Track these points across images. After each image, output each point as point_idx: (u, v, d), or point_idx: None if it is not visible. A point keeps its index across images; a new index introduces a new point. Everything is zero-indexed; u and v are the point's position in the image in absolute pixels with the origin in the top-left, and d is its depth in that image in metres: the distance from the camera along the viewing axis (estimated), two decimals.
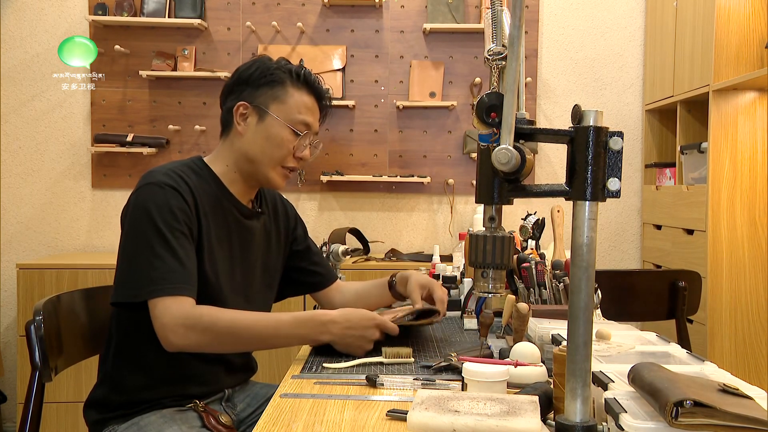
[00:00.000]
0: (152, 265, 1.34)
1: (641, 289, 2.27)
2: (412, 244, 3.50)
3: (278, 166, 1.53)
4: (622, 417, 0.82)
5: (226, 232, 1.52)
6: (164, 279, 1.33)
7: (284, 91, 1.52)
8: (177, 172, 1.45)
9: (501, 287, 0.96)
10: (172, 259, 1.35)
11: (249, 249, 1.57)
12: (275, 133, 1.51)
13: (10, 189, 3.44)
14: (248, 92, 1.52)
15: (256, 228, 1.59)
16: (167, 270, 1.34)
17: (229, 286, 1.50)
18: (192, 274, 1.38)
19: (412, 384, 1.24)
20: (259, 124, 1.51)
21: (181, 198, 1.41)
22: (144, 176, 1.45)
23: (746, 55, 2.62)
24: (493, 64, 1.18)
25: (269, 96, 1.51)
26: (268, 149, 1.51)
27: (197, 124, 3.39)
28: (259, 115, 1.51)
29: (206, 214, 1.46)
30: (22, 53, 3.41)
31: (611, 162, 0.88)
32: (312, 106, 1.55)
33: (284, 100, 1.51)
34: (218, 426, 1.42)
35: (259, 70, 1.53)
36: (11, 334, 3.39)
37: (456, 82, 3.44)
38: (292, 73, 1.53)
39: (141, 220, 1.38)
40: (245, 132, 1.52)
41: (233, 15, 3.42)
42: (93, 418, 1.48)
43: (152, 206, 1.38)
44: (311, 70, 1.57)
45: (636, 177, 3.48)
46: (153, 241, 1.35)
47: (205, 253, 1.45)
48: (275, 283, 1.69)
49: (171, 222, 1.37)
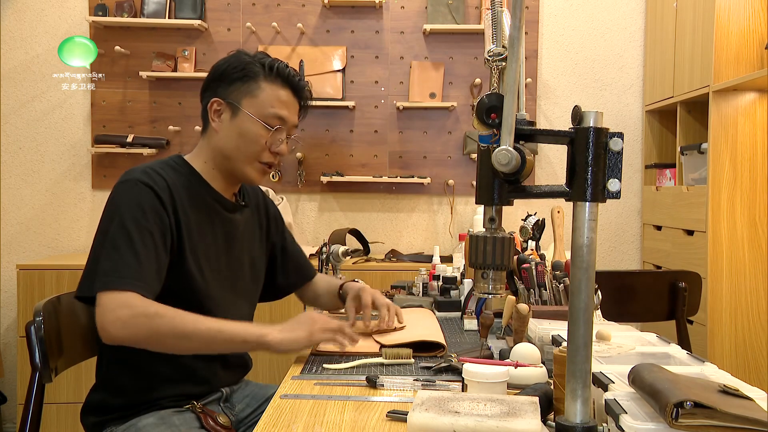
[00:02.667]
0: (109, 258, 1.33)
1: (641, 290, 2.27)
2: (412, 244, 3.50)
3: (255, 162, 1.52)
4: (622, 418, 0.82)
5: (210, 227, 1.51)
6: (115, 272, 1.31)
7: (257, 85, 1.50)
8: (155, 170, 1.44)
9: (501, 288, 0.95)
10: (129, 254, 1.33)
11: (234, 242, 1.57)
12: (248, 129, 1.49)
13: (10, 190, 3.44)
14: (222, 88, 1.52)
15: (240, 221, 1.59)
16: (122, 264, 1.32)
17: (215, 280, 1.49)
18: (147, 273, 1.34)
19: (413, 385, 1.24)
20: (232, 120, 1.50)
21: (154, 195, 1.39)
22: (122, 174, 1.44)
23: (746, 56, 2.62)
24: (493, 65, 1.18)
25: (242, 91, 1.50)
26: (242, 145, 1.50)
27: (197, 125, 3.37)
28: (232, 111, 1.50)
29: (186, 210, 1.45)
30: (23, 54, 3.41)
31: (611, 163, 0.88)
32: (287, 100, 1.53)
33: (256, 94, 1.50)
34: (216, 427, 1.42)
35: (232, 66, 1.52)
36: (11, 335, 3.39)
37: (456, 83, 3.44)
38: (265, 66, 1.51)
39: (109, 217, 1.38)
40: (220, 129, 1.52)
41: (233, 16, 3.42)
42: (91, 422, 1.47)
43: (123, 203, 1.38)
44: (287, 64, 1.56)
45: (636, 178, 3.48)
46: (115, 237, 1.34)
47: (187, 249, 1.43)
48: (261, 275, 1.69)
49: (139, 219, 1.36)
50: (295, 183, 3.40)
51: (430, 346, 1.51)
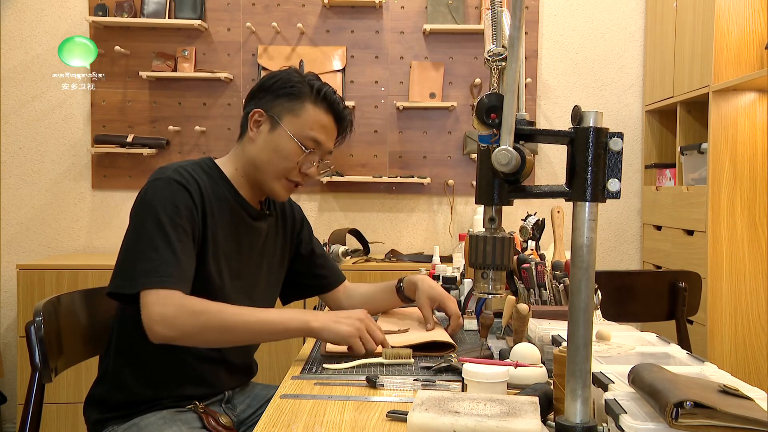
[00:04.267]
0: (148, 257, 1.34)
1: (641, 290, 2.27)
2: (412, 244, 3.50)
3: (283, 178, 1.53)
4: (622, 418, 0.82)
5: (234, 232, 1.52)
6: (156, 271, 1.33)
7: (301, 105, 1.50)
8: (187, 170, 1.45)
9: (501, 288, 0.95)
10: (168, 252, 1.34)
11: (255, 250, 1.57)
12: (283, 146, 1.50)
13: (10, 190, 3.44)
14: (267, 100, 1.52)
15: (264, 229, 1.60)
16: (161, 262, 1.33)
17: (233, 286, 1.50)
18: (186, 270, 1.37)
19: (413, 385, 1.24)
20: (270, 133, 1.51)
21: (187, 195, 1.41)
22: (154, 172, 1.45)
23: (746, 56, 2.62)
24: (493, 65, 1.18)
25: (285, 108, 1.51)
26: (275, 160, 1.51)
27: (197, 125, 3.39)
28: (272, 124, 1.51)
29: (213, 214, 1.46)
30: (23, 54, 3.41)
31: (611, 163, 0.88)
32: (328, 125, 1.54)
33: (299, 114, 1.50)
34: (218, 427, 1.42)
35: (281, 81, 1.52)
36: (11, 335, 3.39)
37: (456, 83, 3.44)
38: (313, 89, 1.52)
39: (144, 214, 1.39)
40: (256, 139, 1.52)
41: (233, 16, 3.42)
42: (93, 418, 1.48)
43: (157, 201, 1.38)
44: (336, 90, 1.57)
45: (636, 178, 3.48)
46: (153, 235, 1.35)
47: (210, 252, 1.45)
48: (279, 284, 1.70)
49: (174, 217, 1.37)
50: None
51: (439, 346, 1.51)
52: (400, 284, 1.75)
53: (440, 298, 1.67)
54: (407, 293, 1.74)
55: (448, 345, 1.51)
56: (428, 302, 1.66)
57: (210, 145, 3.40)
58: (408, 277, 1.75)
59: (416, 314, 1.79)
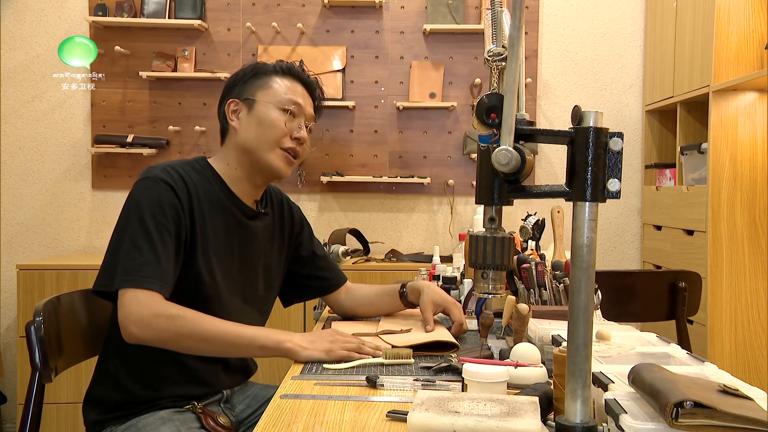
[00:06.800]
0: (130, 256, 1.35)
1: (641, 290, 2.27)
2: (412, 244, 3.50)
3: (276, 148, 1.53)
4: (622, 418, 0.82)
5: (226, 231, 1.51)
6: (138, 271, 1.33)
7: (269, 79, 1.56)
8: (176, 169, 1.46)
9: (501, 288, 0.95)
10: (150, 253, 1.35)
11: (250, 249, 1.57)
12: (266, 116, 1.52)
13: (10, 190, 3.44)
14: (237, 90, 1.57)
15: (259, 228, 1.59)
16: (143, 262, 1.34)
17: (226, 286, 1.50)
18: (166, 272, 1.37)
19: (413, 385, 1.24)
20: (250, 113, 1.54)
21: (173, 194, 1.41)
22: (143, 171, 1.46)
23: (746, 56, 2.62)
24: (493, 65, 1.18)
25: (256, 86, 1.55)
26: (262, 133, 1.52)
27: (197, 125, 3.39)
28: (248, 105, 1.54)
29: (203, 212, 1.46)
30: (23, 54, 3.41)
31: (611, 163, 0.88)
32: (300, 91, 1.58)
33: (270, 86, 1.55)
34: (216, 427, 1.42)
35: (243, 70, 1.59)
36: (11, 335, 3.39)
37: (456, 83, 3.44)
38: (275, 66, 1.58)
39: (129, 213, 1.40)
40: (239, 126, 1.54)
41: (233, 16, 3.42)
42: (92, 418, 1.48)
43: (143, 200, 1.39)
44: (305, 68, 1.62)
45: (636, 178, 3.48)
46: (136, 234, 1.36)
47: (199, 252, 1.44)
48: (276, 285, 1.69)
49: (158, 217, 1.38)
50: (295, 183, 3.40)
51: (441, 346, 1.51)
52: (404, 290, 1.75)
53: (445, 303, 1.67)
54: (410, 298, 1.74)
55: (451, 345, 1.51)
56: (431, 306, 1.66)
57: (210, 145, 3.40)
58: (411, 282, 1.75)
59: (419, 315, 1.79)
